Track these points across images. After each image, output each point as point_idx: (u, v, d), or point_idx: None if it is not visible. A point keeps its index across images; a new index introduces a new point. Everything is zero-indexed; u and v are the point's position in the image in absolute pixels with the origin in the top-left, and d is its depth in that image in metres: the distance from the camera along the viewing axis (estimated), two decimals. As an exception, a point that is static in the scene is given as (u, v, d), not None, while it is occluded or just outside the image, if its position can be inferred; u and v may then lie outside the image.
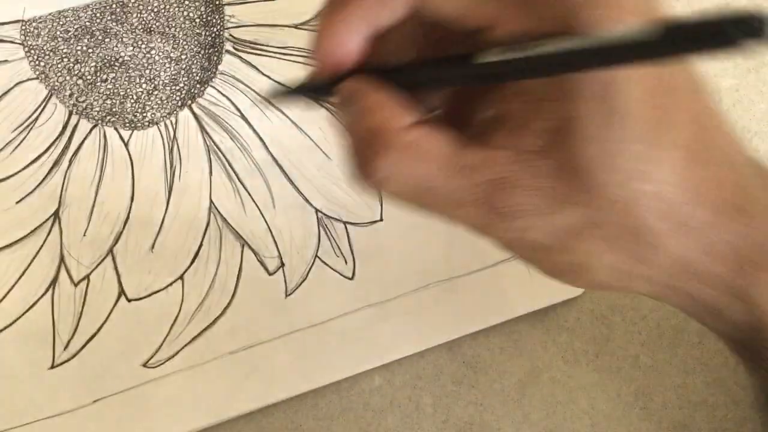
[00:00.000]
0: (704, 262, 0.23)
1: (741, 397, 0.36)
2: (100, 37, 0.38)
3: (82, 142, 0.36)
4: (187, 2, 0.38)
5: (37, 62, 0.37)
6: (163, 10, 0.38)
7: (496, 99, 0.22)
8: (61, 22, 0.38)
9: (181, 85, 0.37)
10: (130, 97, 0.37)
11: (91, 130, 0.37)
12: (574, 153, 0.21)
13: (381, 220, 0.36)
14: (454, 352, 0.36)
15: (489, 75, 0.21)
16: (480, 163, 0.22)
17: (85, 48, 0.37)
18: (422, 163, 0.22)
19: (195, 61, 0.38)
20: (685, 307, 0.26)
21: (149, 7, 0.38)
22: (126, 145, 0.36)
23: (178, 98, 0.37)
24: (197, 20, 0.38)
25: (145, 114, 0.37)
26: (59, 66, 0.37)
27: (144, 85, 0.37)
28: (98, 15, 0.38)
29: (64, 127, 0.36)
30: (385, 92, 0.22)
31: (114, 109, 0.37)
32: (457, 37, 0.22)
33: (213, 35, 0.38)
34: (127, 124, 0.37)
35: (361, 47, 0.22)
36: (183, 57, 0.38)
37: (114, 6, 0.38)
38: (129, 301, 0.35)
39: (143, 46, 0.38)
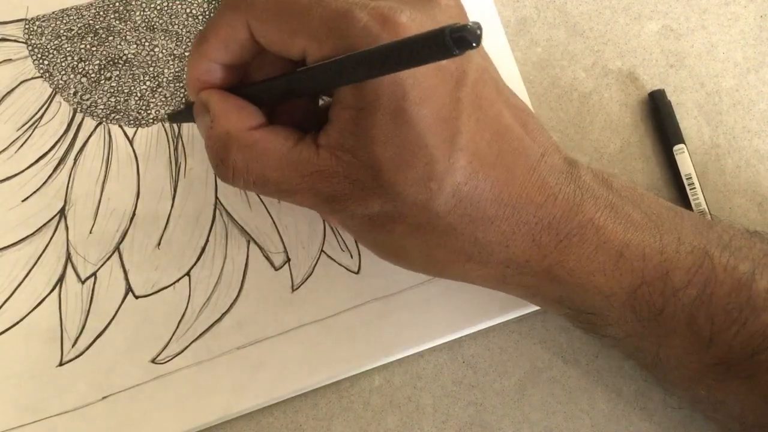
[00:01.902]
0: (507, 251, 0.28)
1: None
2: (103, 35, 0.38)
3: (87, 139, 0.36)
4: (189, -1, 0.38)
5: (41, 61, 0.37)
6: (165, 8, 0.38)
7: (332, 106, 0.27)
8: (64, 21, 0.38)
9: (185, 82, 0.37)
10: (135, 94, 0.37)
11: (95, 127, 0.37)
12: (373, 154, 0.26)
13: (386, 214, 0.36)
14: (454, 352, 0.36)
15: (304, 83, 0.27)
16: (306, 159, 0.27)
17: (88, 46, 0.37)
18: (262, 159, 0.27)
19: (198, 58, 0.38)
20: (511, 292, 0.31)
21: (152, 5, 0.38)
22: (131, 142, 0.36)
23: (182, 95, 0.37)
24: (200, 17, 0.38)
25: (149, 111, 0.37)
26: (63, 64, 0.37)
27: (148, 83, 0.37)
28: (101, 13, 0.38)
29: (69, 125, 0.37)
30: (231, 102, 0.28)
31: (118, 107, 0.37)
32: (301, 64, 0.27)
33: (216, 32, 0.38)
34: (132, 122, 0.37)
35: (219, 74, 0.29)
36: (186, 54, 0.38)
37: (117, 4, 0.38)
38: (136, 297, 0.35)
39: (146, 43, 0.38)
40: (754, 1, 0.41)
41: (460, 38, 0.19)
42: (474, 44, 0.19)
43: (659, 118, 0.38)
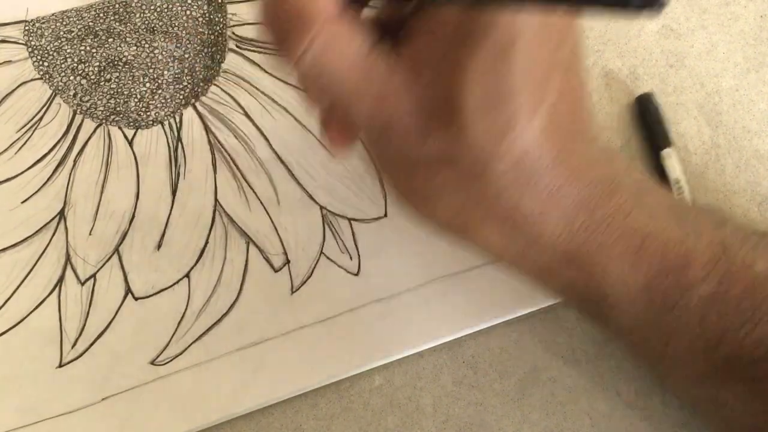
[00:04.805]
0: (541, 223, 0.27)
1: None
2: (103, 37, 0.38)
3: (87, 141, 0.36)
4: (189, 1, 0.38)
5: (40, 62, 0.37)
6: (165, 10, 0.38)
7: (427, 17, 0.24)
8: (64, 23, 0.38)
9: (185, 83, 0.37)
10: (134, 96, 0.37)
11: (95, 129, 0.37)
12: (460, 86, 0.23)
13: (385, 216, 0.36)
14: (454, 352, 0.36)
15: None
16: (377, 76, 0.24)
17: (88, 48, 0.37)
18: (337, 55, 0.24)
19: (198, 60, 0.38)
20: (523, 272, 0.30)
21: (152, 7, 0.38)
22: (130, 144, 0.37)
23: (181, 97, 0.37)
24: (200, 19, 0.38)
25: (149, 113, 0.37)
26: (63, 66, 0.37)
27: (148, 84, 0.37)
28: (101, 15, 0.38)
29: (69, 127, 0.37)
30: None
31: (118, 109, 0.37)
32: None
33: (216, 33, 0.38)
34: (132, 123, 0.37)
35: None
36: (186, 56, 0.38)
37: (117, 6, 0.38)
38: (136, 299, 0.35)
39: (146, 45, 0.38)
40: (754, 1, 0.41)
41: None
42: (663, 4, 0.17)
43: (647, 122, 0.38)
